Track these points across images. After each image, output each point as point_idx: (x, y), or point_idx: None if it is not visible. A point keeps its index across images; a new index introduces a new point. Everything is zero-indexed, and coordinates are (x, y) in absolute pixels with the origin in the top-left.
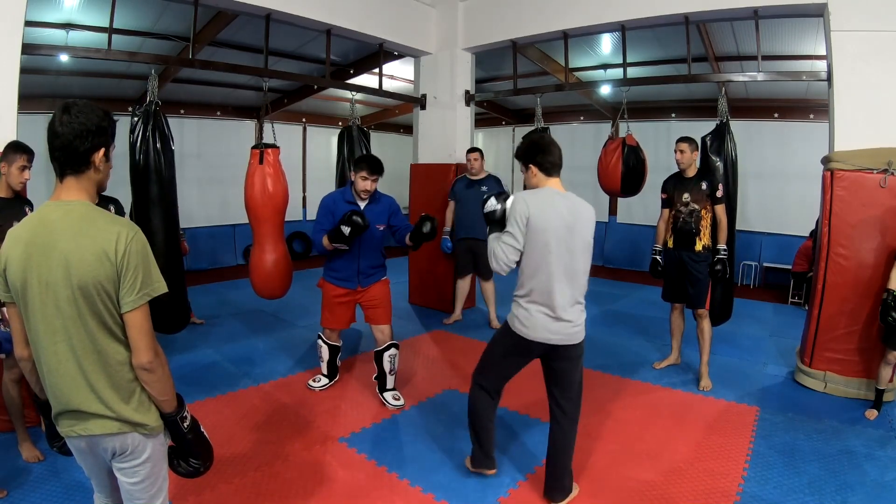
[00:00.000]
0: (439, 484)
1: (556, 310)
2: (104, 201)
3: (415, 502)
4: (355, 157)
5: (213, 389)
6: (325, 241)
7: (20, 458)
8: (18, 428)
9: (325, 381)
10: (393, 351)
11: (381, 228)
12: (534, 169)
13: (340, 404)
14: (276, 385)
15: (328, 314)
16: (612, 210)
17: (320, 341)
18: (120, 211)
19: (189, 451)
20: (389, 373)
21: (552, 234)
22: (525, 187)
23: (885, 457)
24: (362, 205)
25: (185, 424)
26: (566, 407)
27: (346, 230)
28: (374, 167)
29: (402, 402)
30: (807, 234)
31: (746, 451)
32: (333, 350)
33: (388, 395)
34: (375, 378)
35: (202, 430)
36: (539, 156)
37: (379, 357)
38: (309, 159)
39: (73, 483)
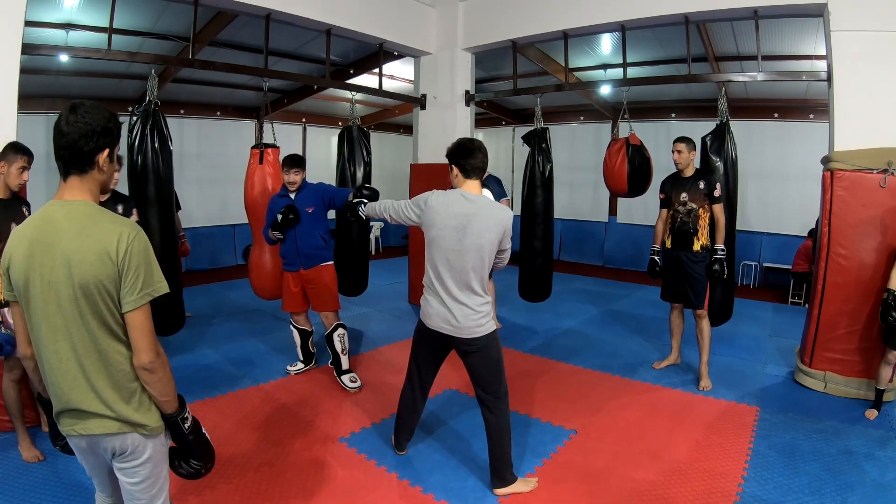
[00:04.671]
0: (439, 484)
1: (445, 302)
2: (113, 199)
3: (415, 502)
4: (353, 157)
5: (213, 389)
6: (269, 232)
7: (20, 458)
8: (18, 428)
9: (300, 365)
10: (341, 331)
11: (311, 211)
12: (455, 170)
13: (340, 404)
14: (276, 385)
15: (285, 298)
16: (612, 210)
17: (291, 326)
18: (129, 210)
19: (190, 453)
20: (342, 353)
21: (438, 230)
22: (451, 185)
23: (885, 457)
24: (293, 195)
25: (187, 425)
26: (485, 399)
27: (279, 217)
28: (293, 162)
29: (359, 384)
30: (806, 234)
31: (746, 451)
32: (303, 334)
33: (345, 378)
34: (331, 363)
35: (204, 431)
36: (462, 158)
37: (329, 339)
38: (309, 159)
39: (73, 483)
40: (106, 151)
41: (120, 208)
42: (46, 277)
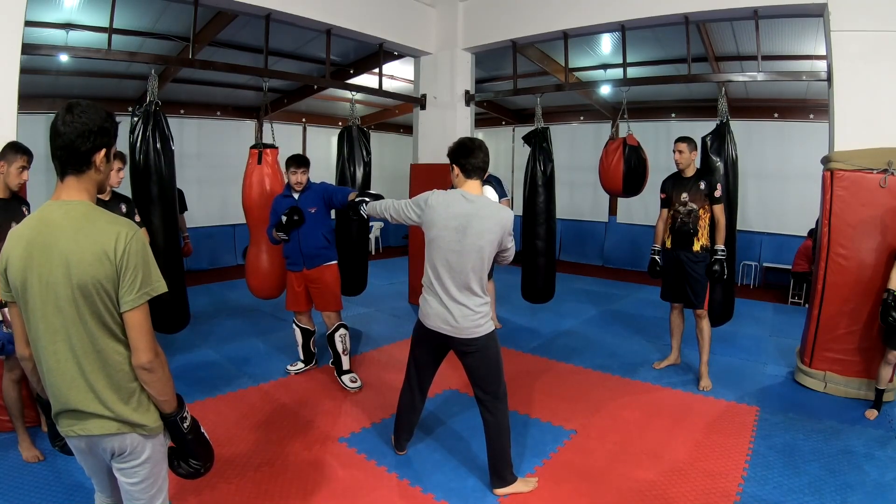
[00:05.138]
0: (439, 484)
1: (444, 302)
2: (116, 199)
3: (415, 502)
4: (353, 157)
5: (213, 389)
6: (274, 233)
7: (20, 458)
8: (18, 428)
9: (300, 364)
10: (342, 331)
11: (314, 211)
12: (456, 169)
13: (340, 404)
14: (276, 385)
15: (288, 296)
16: (612, 210)
17: (294, 325)
18: (131, 211)
19: (189, 452)
20: (343, 353)
21: (438, 231)
22: (452, 185)
23: (885, 457)
24: (297, 195)
25: (186, 425)
26: (484, 399)
27: (283, 219)
28: (300, 161)
29: (359, 384)
30: (806, 234)
31: (746, 451)
32: (305, 333)
33: (345, 378)
34: (332, 363)
35: (202, 430)
36: (462, 158)
37: (331, 339)
38: (309, 159)
39: (73, 483)
40: (103, 151)
41: (123, 208)
42: (44, 278)
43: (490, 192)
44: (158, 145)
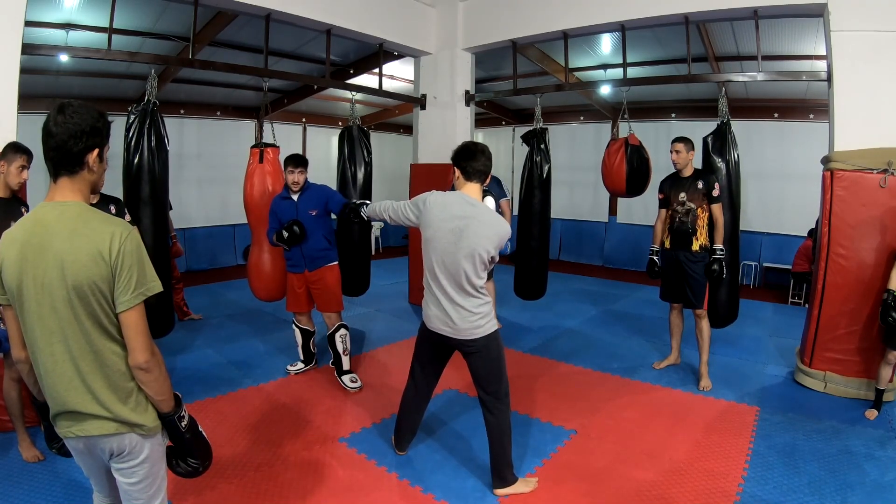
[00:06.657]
0: (439, 484)
1: (442, 304)
2: (105, 201)
3: (415, 502)
4: (353, 157)
5: (213, 389)
6: (274, 238)
7: (20, 458)
8: (18, 428)
9: (300, 365)
10: (343, 332)
11: (314, 214)
12: (457, 172)
13: (340, 404)
14: (276, 385)
15: (289, 298)
16: (612, 210)
17: (294, 326)
18: (121, 211)
19: (187, 451)
20: (343, 353)
21: (434, 231)
22: (453, 186)
23: (885, 457)
24: (295, 197)
25: (183, 424)
26: (486, 399)
27: (285, 234)
28: (297, 161)
29: (359, 384)
30: (806, 234)
31: (746, 451)
32: (305, 334)
33: (345, 379)
34: (332, 363)
35: (200, 429)
36: (464, 161)
37: (331, 339)
38: (309, 159)
39: (72, 483)
40: (95, 151)
41: (113, 209)
42: (39, 280)
43: (490, 202)
44: (153, 145)
